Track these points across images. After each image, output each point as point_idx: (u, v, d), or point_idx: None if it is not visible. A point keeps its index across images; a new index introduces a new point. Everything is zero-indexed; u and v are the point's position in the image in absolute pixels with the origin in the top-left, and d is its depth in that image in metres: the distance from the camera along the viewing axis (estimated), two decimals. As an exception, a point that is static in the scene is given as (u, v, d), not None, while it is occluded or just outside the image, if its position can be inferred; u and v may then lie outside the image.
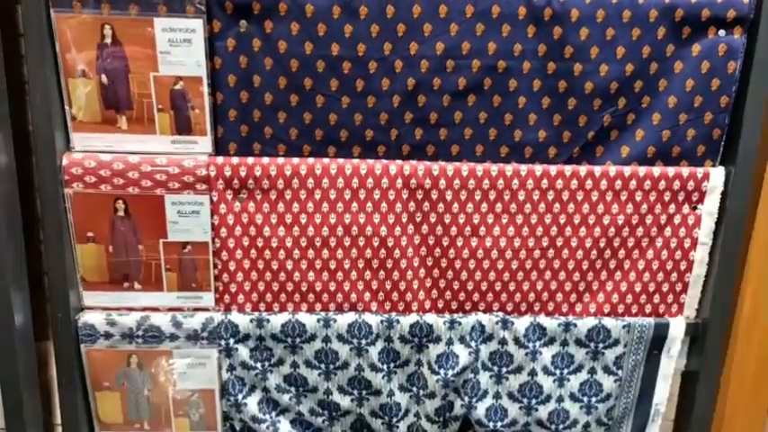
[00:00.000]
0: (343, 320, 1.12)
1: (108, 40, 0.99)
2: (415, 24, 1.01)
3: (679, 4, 1.01)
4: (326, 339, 1.12)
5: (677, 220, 1.11)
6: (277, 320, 1.11)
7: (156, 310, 1.12)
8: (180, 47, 1.00)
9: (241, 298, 1.12)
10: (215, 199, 1.06)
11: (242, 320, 1.11)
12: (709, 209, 1.10)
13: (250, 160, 1.05)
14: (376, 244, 1.10)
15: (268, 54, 1.02)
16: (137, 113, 1.03)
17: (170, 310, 1.12)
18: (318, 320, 1.11)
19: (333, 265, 1.11)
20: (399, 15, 1.01)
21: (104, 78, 1.01)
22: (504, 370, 1.16)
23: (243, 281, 1.11)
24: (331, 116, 1.06)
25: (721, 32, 1.03)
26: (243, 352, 1.12)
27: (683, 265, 1.13)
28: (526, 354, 1.14)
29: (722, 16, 1.01)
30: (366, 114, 1.06)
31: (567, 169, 1.08)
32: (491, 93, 1.05)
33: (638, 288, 1.14)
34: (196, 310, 1.12)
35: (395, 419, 1.17)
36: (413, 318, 1.12)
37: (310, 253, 1.10)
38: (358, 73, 1.03)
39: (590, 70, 1.04)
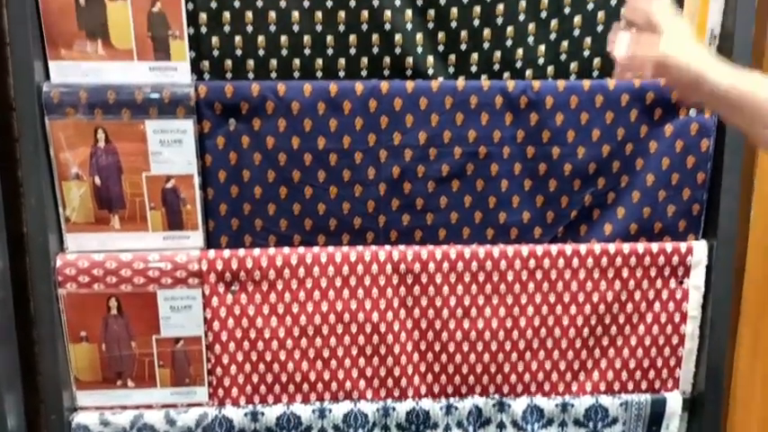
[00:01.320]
0: (339, 410, 1.11)
1: (101, 144, 1.02)
2: (397, 116, 1.05)
3: (649, 88, 1.05)
4: (322, 430, 1.11)
5: (665, 295, 1.12)
6: (272, 413, 1.10)
7: (149, 407, 1.11)
8: (171, 147, 1.03)
9: (235, 391, 1.11)
10: (207, 292, 1.07)
11: (236, 414, 1.10)
12: (696, 282, 1.12)
13: (241, 252, 1.07)
14: (368, 330, 1.10)
15: (257, 150, 1.05)
16: (129, 212, 1.05)
17: (164, 406, 1.11)
18: (314, 411, 1.10)
19: (326, 353, 1.11)
20: (382, 108, 1.05)
21: (98, 180, 1.03)
22: (503, 454, 1.14)
23: (236, 373, 1.11)
24: (320, 206, 1.08)
25: (692, 112, 1.07)
26: (238, 447, 1.11)
27: (674, 340, 1.14)
28: (525, 436, 1.13)
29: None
30: (354, 203, 1.08)
31: (553, 248, 1.10)
32: (474, 178, 1.08)
33: (632, 364, 1.14)
34: (190, 405, 1.11)
35: None
36: (409, 404, 1.11)
37: (303, 342, 1.10)
38: (344, 164, 1.07)
39: (568, 153, 1.07)
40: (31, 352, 1.15)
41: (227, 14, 1.01)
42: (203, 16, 1.01)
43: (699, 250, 1.11)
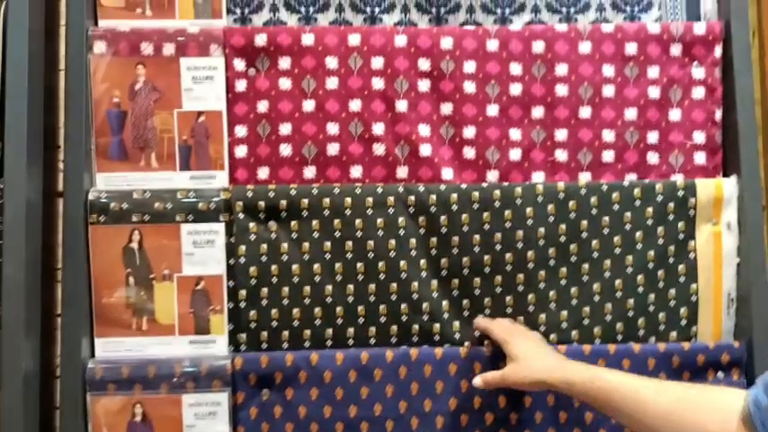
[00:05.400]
0: None
1: (137, 418, 1.05)
2: (427, 383, 1.07)
3: (674, 351, 1.07)
4: None
5: None
6: None
7: None
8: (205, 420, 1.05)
9: None
10: None
11: None
12: None
13: None
14: None
15: (289, 420, 1.06)
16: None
17: None
18: None
19: None
20: (412, 375, 1.07)
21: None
22: None
23: None
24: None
25: (720, 374, 1.08)
26: None
27: None
28: None
29: (717, 360, 1.07)
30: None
31: None
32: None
33: None
34: None
35: None
36: None
37: None
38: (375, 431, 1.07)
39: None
40: None
41: (265, 290, 1.08)
42: (243, 292, 1.08)
43: None
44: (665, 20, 1.15)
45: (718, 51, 1.12)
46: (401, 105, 1.11)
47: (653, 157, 1.12)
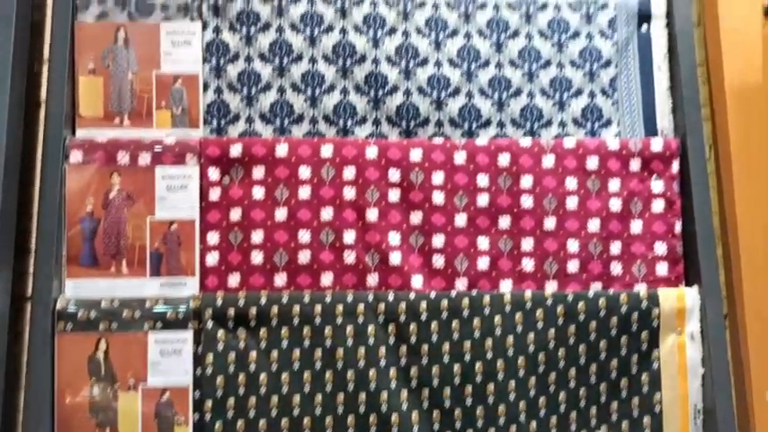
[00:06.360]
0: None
1: None
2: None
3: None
4: None
5: None
6: None
7: None
8: None
9: None
10: None
11: None
12: None
13: None
14: None
15: None
16: None
17: None
18: None
19: None
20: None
21: None
22: None
23: None
24: None
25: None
26: None
27: None
28: None
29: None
30: None
31: None
32: None
33: None
34: None
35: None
36: None
37: None
38: None
39: None
40: None
41: (231, 401, 1.07)
42: (209, 403, 1.06)
43: None
44: (623, 135, 1.20)
45: (675, 166, 1.17)
46: (372, 214, 1.14)
47: (616, 268, 1.15)
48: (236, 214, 1.12)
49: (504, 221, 1.15)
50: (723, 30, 1.25)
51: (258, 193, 1.13)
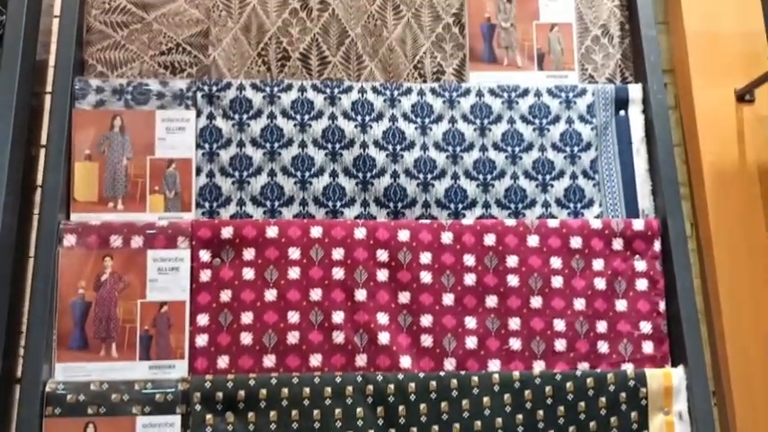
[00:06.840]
0: None
1: None
2: None
3: None
4: None
5: None
6: None
7: None
8: None
9: None
10: None
11: None
12: None
13: None
14: None
15: None
16: None
17: None
18: None
19: None
20: None
21: None
22: None
23: None
24: None
25: None
26: None
27: None
28: None
29: None
30: None
31: None
32: None
33: None
34: None
35: None
36: None
37: None
38: None
39: None
40: None
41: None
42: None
43: None
44: (605, 215, 1.24)
45: (657, 246, 1.20)
46: (360, 295, 1.15)
47: (603, 346, 1.16)
48: (226, 295, 1.14)
49: (491, 300, 1.17)
50: (698, 112, 1.30)
51: (248, 274, 1.15)
